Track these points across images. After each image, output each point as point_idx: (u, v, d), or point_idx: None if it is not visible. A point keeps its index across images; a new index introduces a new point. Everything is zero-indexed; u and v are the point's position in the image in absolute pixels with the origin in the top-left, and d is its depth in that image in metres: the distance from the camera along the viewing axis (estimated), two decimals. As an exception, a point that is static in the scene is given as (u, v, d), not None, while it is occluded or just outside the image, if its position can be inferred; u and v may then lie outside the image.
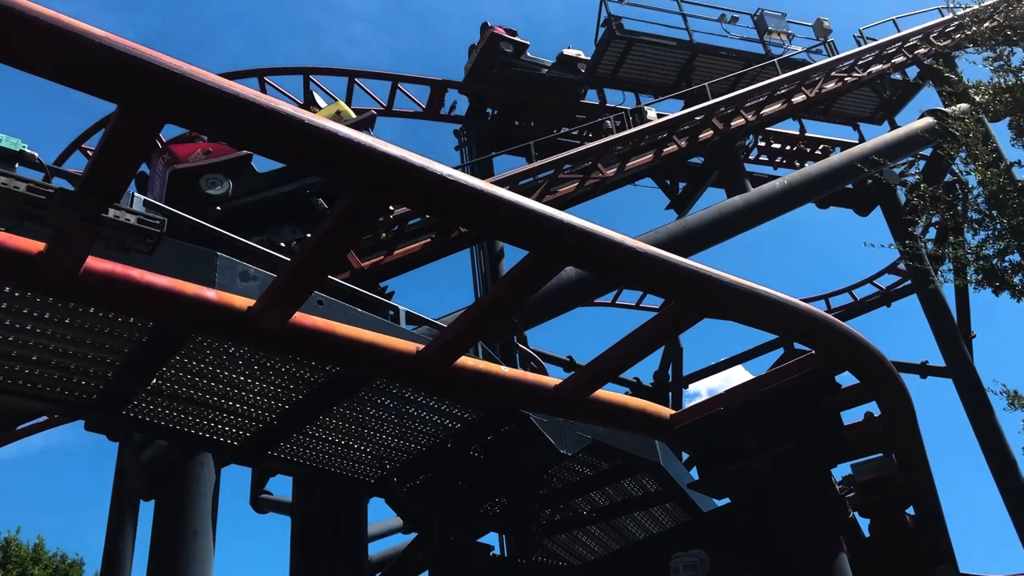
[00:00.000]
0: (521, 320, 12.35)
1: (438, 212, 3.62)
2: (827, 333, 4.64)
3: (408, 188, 3.25)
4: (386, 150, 3.07)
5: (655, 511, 7.67)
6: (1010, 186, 9.66)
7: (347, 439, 5.87)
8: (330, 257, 3.59)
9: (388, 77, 16.46)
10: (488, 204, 3.31)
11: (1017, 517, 14.16)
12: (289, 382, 5.17)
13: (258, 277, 4.78)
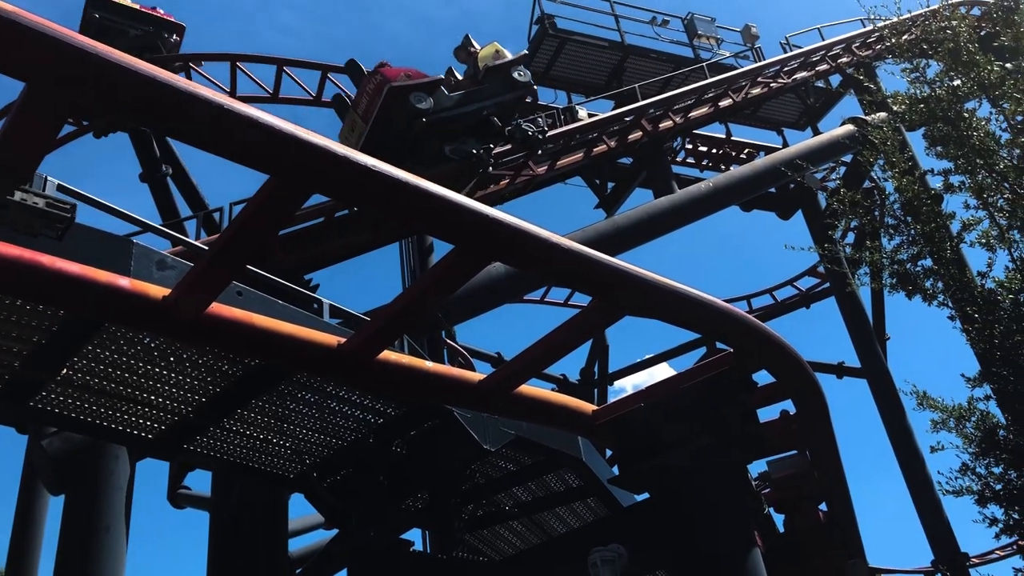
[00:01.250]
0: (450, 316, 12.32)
1: (362, 204, 3.58)
2: (745, 332, 4.73)
3: (332, 178, 3.20)
4: (308, 138, 3.02)
5: (577, 506, 7.73)
6: (924, 193, 10.00)
7: (266, 433, 5.77)
8: (247, 247, 3.51)
9: (318, 67, 16.17)
10: (413, 197, 3.28)
11: (923, 513, 14.68)
12: (207, 374, 5.05)
13: (175, 266, 4.66)
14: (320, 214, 11.48)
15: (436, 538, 8.03)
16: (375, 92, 12.04)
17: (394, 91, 11.77)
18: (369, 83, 12.13)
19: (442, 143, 12.19)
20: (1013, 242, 9.36)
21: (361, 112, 12.18)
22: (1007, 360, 8.92)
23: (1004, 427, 9.02)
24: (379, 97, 11.96)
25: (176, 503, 13.08)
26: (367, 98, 12.12)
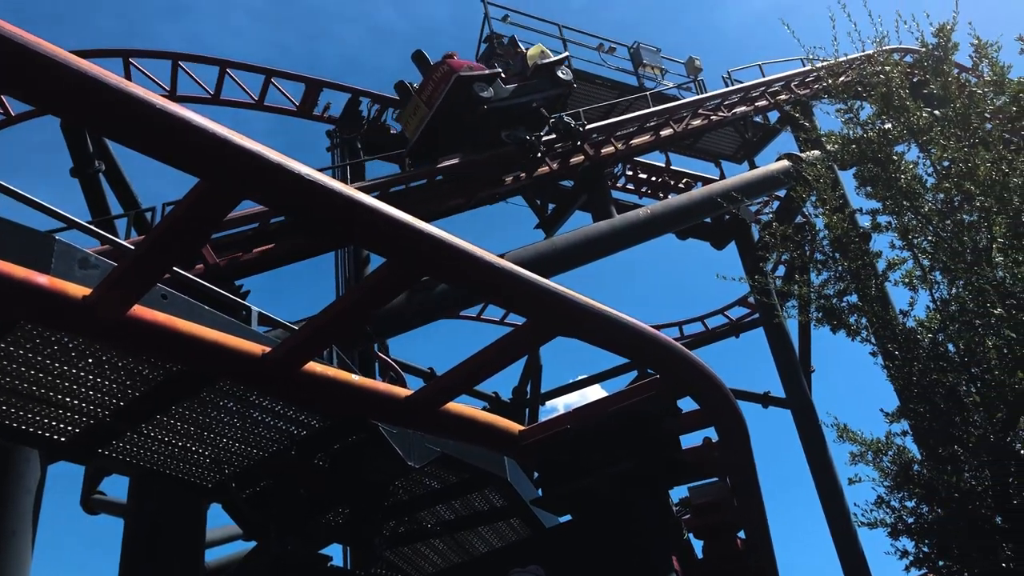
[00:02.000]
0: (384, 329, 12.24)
1: (293, 212, 3.54)
2: (671, 359, 4.79)
3: (263, 185, 3.16)
4: (240, 142, 2.98)
5: (501, 527, 7.70)
6: (852, 231, 10.29)
7: (185, 441, 5.63)
8: (174, 249, 3.45)
9: (262, 71, 16.04)
10: (346, 208, 3.26)
11: (839, 544, 15.00)
12: (126, 378, 4.92)
13: (99, 265, 4.53)
14: (255, 219, 11.33)
15: (356, 554, 7.93)
16: (441, 80, 13.48)
17: (461, 80, 13.28)
18: (436, 72, 13.63)
19: (499, 129, 13.71)
20: (935, 283, 9.67)
21: (425, 97, 13.65)
22: (924, 397, 9.20)
23: (919, 462, 9.28)
24: (445, 85, 13.38)
25: (90, 509, 12.69)
26: (433, 85, 13.57)
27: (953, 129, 9.34)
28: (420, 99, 13.82)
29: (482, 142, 13.90)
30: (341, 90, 16.42)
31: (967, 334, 9.08)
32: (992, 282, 8.74)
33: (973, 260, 8.89)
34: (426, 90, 13.70)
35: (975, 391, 9.02)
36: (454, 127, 13.60)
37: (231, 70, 15.61)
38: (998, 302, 8.67)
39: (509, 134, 13.98)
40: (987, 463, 8.72)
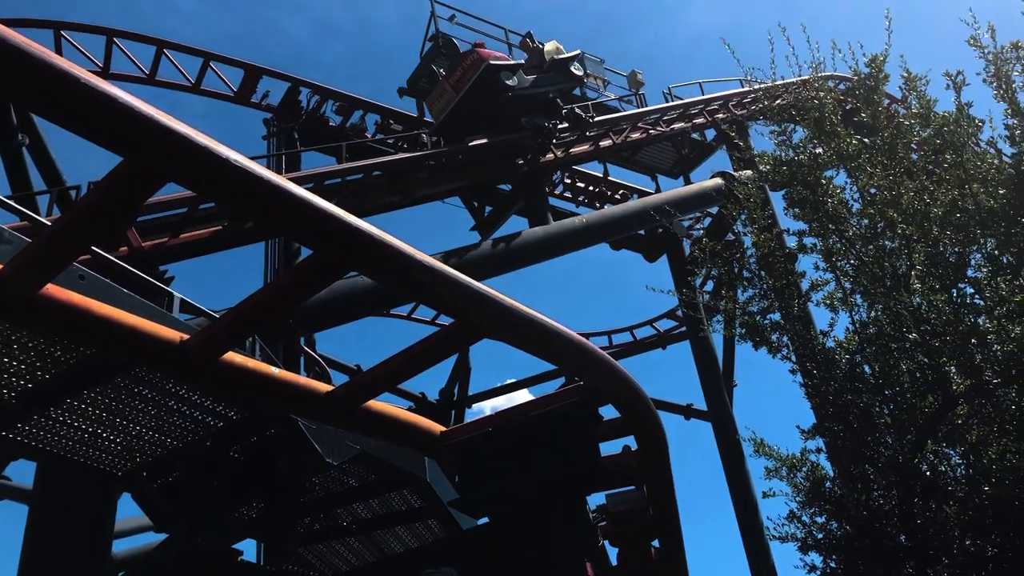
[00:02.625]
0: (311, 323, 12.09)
1: (219, 198, 3.47)
2: (594, 366, 4.82)
3: (188, 168, 3.09)
4: (165, 122, 2.91)
5: (418, 528, 7.66)
6: (779, 251, 10.51)
7: (96, 426, 5.47)
8: (92, 229, 3.34)
9: (201, 54, 15.72)
10: (272, 197, 3.20)
11: (751, 556, 15.31)
12: (36, 359, 4.75)
13: (13, 241, 4.39)
14: (184, 204, 11.09)
15: (269, 550, 7.80)
16: (470, 67, 14.87)
17: (490, 68, 14.69)
18: (465, 59, 15.09)
19: (519, 115, 15.06)
20: (855, 306, 9.92)
21: (453, 83, 15.07)
22: (839, 416, 9.42)
23: (831, 480, 9.50)
24: (475, 72, 14.74)
25: (-8, 494, 12.27)
26: (461, 71, 14.97)
27: (880, 158, 9.60)
28: (448, 83, 15.19)
29: (503, 126, 15.18)
30: (281, 78, 16.20)
31: (883, 357, 9.33)
32: (909, 308, 9.00)
33: (892, 285, 9.15)
34: (454, 75, 15.06)
35: (887, 413, 9.27)
36: (478, 110, 14.85)
37: (168, 51, 15.27)
38: (913, 327, 8.93)
39: (528, 120, 15.33)
40: (895, 483, 8.97)
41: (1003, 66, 8.46)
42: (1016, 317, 8.37)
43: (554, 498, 5.16)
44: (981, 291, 8.88)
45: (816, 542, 9.33)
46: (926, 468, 9.05)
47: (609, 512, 6.13)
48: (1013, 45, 8.50)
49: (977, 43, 8.62)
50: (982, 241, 8.74)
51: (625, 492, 6.03)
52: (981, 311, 8.93)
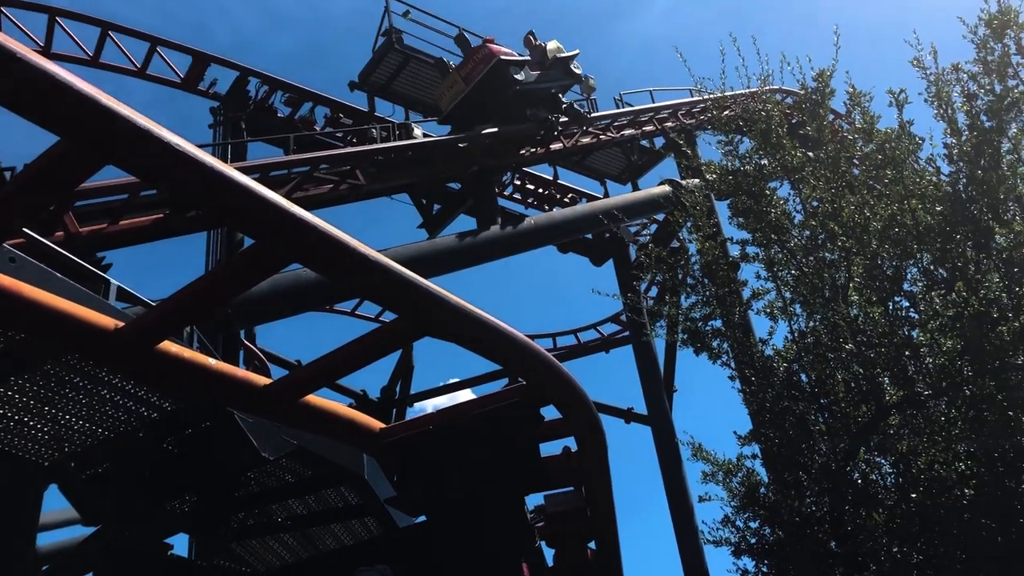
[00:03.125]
0: (251, 316, 11.91)
1: (161, 183, 3.39)
2: (537, 366, 4.82)
3: (128, 151, 3.01)
4: (108, 103, 2.83)
5: (354, 525, 7.57)
6: (722, 259, 10.66)
7: (23, 414, 5.29)
8: (23, 210, 3.24)
9: (147, 38, 15.38)
10: (215, 184, 3.14)
11: (686, 560, 15.48)
12: (-40, 344, 4.59)
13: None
14: (125, 190, 10.85)
15: (200, 544, 7.66)
16: (481, 61, 15.84)
17: (500, 63, 15.73)
18: (477, 53, 16.04)
19: (524, 107, 16.08)
20: (794, 315, 10.11)
21: (464, 75, 16.09)
22: (775, 423, 9.59)
23: (765, 485, 9.66)
24: (485, 66, 15.71)
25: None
26: (472, 64, 15.98)
27: (824, 171, 9.79)
28: (459, 75, 16.18)
29: (509, 117, 16.11)
30: (229, 67, 15.94)
31: (819, 366, 9.52)
32: (846, 319, 9.20)
33: (831, 296, 9.34)
34: (465, 68, 16.09)
35: (822, 421, 9.46)
36: (486, 102, 15.79)
37: (114, 33, 14.92)
38: (850, 338, 9.13)
39: (532, 112, 16.38)
40: (827, 490, 9.15)
41: (943, 87, 8.70)
42: (948, 331, 8.61)
43: (492, 498, 5.14)
44: (916, 305, 9.12)
45: (749, 547, 9.48)
46: (858, 476, 9.26)
47: (547, 513, 6.14)
48: (953, 67, 8.75)
49: (920, 64, 8.85)
50: (918, 256, 8.97)
51: (563, 493, 6.04)
52: (915, 324, 9.18)
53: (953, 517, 8.20)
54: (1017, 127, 8.42)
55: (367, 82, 17.33)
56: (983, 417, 8.30)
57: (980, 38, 8.51)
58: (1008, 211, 8.43)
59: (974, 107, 8.53)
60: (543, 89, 16.78)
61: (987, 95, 8.46)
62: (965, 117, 8.64)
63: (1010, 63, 8.36)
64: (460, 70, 16.19)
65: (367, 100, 17.53)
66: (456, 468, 5.07)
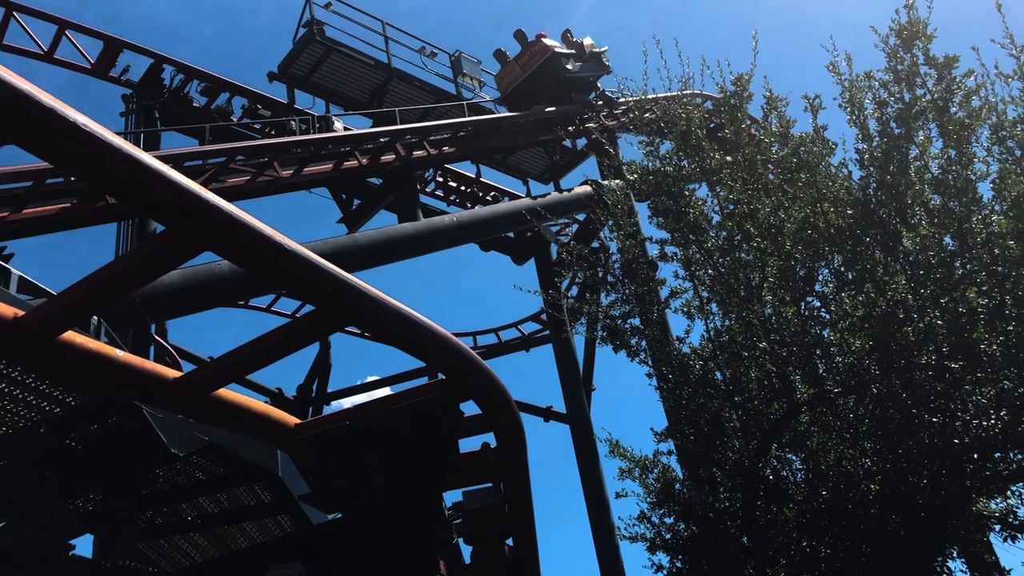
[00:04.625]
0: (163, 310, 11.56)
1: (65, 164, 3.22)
2: (456, 360, 4.78)
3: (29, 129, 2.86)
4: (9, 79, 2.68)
5: (267, 523, 7.40)
6: (641, 258, 10.78)
7: (-87, 409, 5.02)
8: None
9: (55, 20, 14.80)
10: (121, 164, 3.00)
11: (602, 557, 15.64)
12: None
13: None
14: (29, 177, 10.42)
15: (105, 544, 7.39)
16: (538, 53, 18.98)
17: (555, 55, 18.82)
18: (534, 46, 19.19)
19: (571, 92, 18.87)
20: (710, 314, 10.28)
21: (521, 64, 19.25)
22: (690, 420, 9.74)
23: (680, 481, 9.79)
24: (541, 57, 18.85)
25: None
26: (529, 56, 19.12)
27: (741, 173, 9.98)
28: (516, 64, 19.25)
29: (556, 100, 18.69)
30: (143, 54, 15.46)
31: (734, 364, 9.71)
32: (760, 318, 9.39)
33: (746, 296, 9.52)
34: (523, 58, 19.17)
35: (736, 418, 9.65)
36: (536, 87, 18.64)
37: (18, 14, 14.30)
38: (764, 337, 9.32)
39: (577, 96, 19.13)
40: (740, 486, 9.33)
41: (856, 93, 8.95)
42: (857, 331, 8.87)
43: (409, 493, 5.07)
44: (827, 305, 9.37)
45: (664, 542, 9.60)
46: (769, 472, 9.46)
47: (465, 509, 6.10)
48: (866, 75, 9.01)
49: (835, 70, 9.08)
50: (830, 257, 9.22)
51: (482, 489, 6.01)
52: (826, 324, 9.43)
53: (860, 512, 8.45)
54: (924, 135, 8.71)
55: (287, 73, 17.02)
56: (889, 415, 8.58)
57: (891, 48, 8.78)
58: (915, 215, 8.71)
59: (884, 114, 8.79)
60: (583, 77, 19.58)
61: (897, 103, 8.73)
62: (876, 124, 8.90)
63: (918, 73, 8.64)
64: (518, 60, 19.31)
65: (287, 92, 17.21)
66: (373, 464, 4.99)
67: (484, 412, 5.37)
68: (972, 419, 8.08)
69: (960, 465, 8.10)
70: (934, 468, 8.18)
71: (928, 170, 8.74)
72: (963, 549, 8.99)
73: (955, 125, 8.41)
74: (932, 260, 8.41)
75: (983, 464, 8.14)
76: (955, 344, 8.12)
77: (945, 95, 8.51)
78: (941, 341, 8.22)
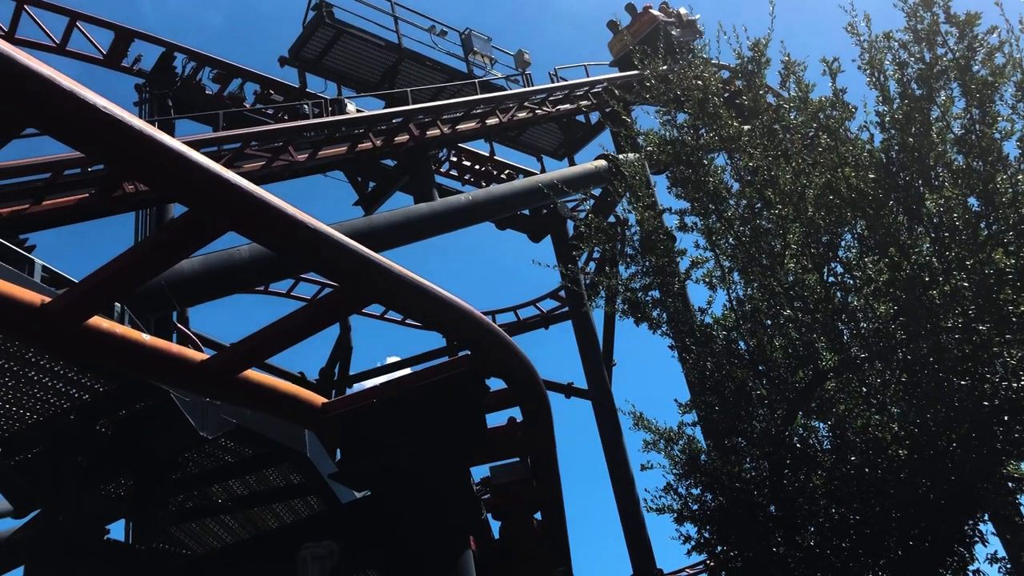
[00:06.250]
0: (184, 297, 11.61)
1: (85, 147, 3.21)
2: (482, 336, 4.76)
3: (55, 114, 2.85)
4: (26, 62, 2.66)
5: (296, 504, 7.44)
6: (660, 230, 10.71)
7: (-55, 399, 5.06)
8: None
9: (67, 12, 14.77)
10: (142, 146, 2.98)
11: (628, 529, 15.66)
12: None
13: None
14: (47, 169, 10.44)
15: (138, 528, 7.46)
16: (648, 22, 21.79)
17: (661, 23, 21.28)
18: (643, 16, 22.02)
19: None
20: (733, 283, 10.22)
21: (632, 32, 21.98)
22: (715, 391, 9.71)
23: (706, 452, 9.78)
24: (650, 26, 21.47)
25: None
26: (639, 25, 21.99)
27: (760, 140, 9.87)
28: (627, 32, 21.96)
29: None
30: (155, 43, 15.42)
31: (758, 333, 9.65)
32: (783, 285, 9.32)
33: (768, 264, 9.45)
34: (633, 27, 22.00)
35: (761, 387, 9.60)
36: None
37: (30, 7, 14.29)
38: (787, 304, 9.26)
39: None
40: (766, 455, 9.31)
41: (876, 54, 8.81)
42: (882, 296, 8.79)
43: (437, 469, 5.07)
44: (850, 270, 9.28)
45: (691, 513, 9.61)
46: (796, 440, 9.43)
47: (493, 484, 6.10)
48: (885, 35, 8.87)
49: (854, 31, 8.95)
50: (852, 222, 9.12)
51: (509, 464, 6.01)
52: (850, 290, 9.34)
53: (889, 477, 8.41)
54: (946, 95, 8.59)
55: (298, 58, 16.95)
56: (916, 379, 8.52)
57: (910, 7, 8.64)
58: (938, 177, 8.60)
59: (905, 75, 8.67)
60: (686, 42, 20.45)
61: (917, 63, 8.60)
62: (896, 85, 8.78)
63: (939, 31, 8.51)
64: (628, 28, 22.07)
65: (298, 76, 17.13)
66: (400, 440, 4.99)
67: (510, 387, 5.36)
68: (1001, 381, 8.01)
69: (990, 427, 8.04)
70: (963, 431, 8.13)
71: (951, 130, 8.62)
72: (993, 512, 8.94)
73: (978, 83, 8.28)
74: (957, 222, 8.31)
75: (1013, 426, 8.07)
76: (982, 306, 8.03)
77: (967, 53, 8.38)
78: (968, 303, 8.13)
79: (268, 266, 11.86)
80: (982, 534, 8.69)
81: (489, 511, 6.15)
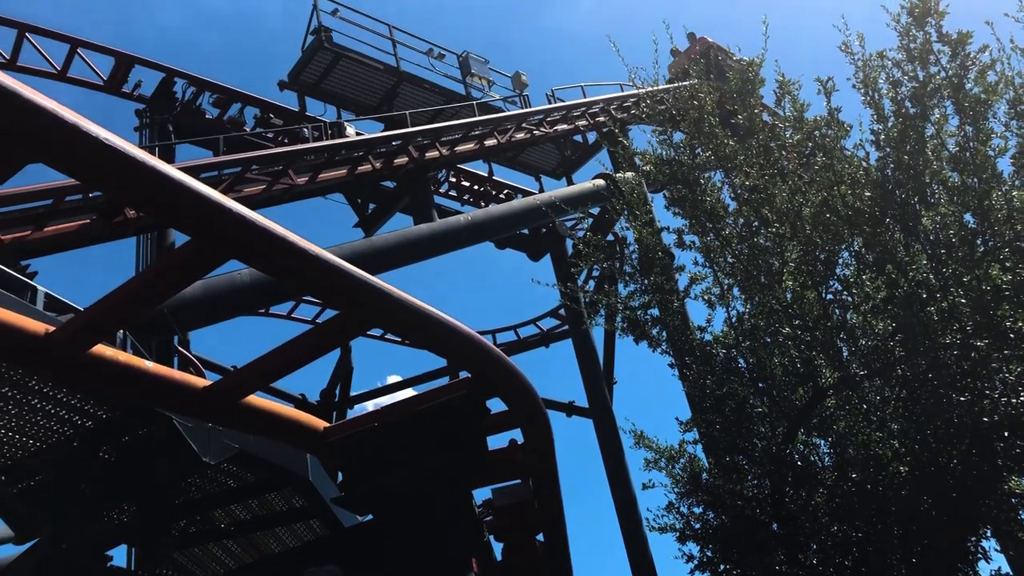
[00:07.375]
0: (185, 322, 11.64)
1: (89, 178, 3.26)
2: (482, 358, 4.80)
3: (56, 146, 2.89)
4: (29, 95, 2.72)
5: (298, 528, 7.45)
6: (659, 247, 10.75)
7: (-52, 427, 5.09)
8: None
9: (67, 39, 14.90)
10: (145, 177, 3.04)
11: (631, 549, 15.61)
12: None
13: None
14: (48, 195, 10.51)
15: (141, 554, 7.45)
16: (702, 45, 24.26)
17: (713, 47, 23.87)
18: (698, 44, 24.51)
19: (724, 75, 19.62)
20: (732, 299, 10.25)
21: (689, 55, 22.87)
22: (715, 409, 9.72)
23: (707, 470, 9.78)
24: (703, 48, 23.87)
25: None
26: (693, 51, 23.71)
27: (756, 159, 9.94)
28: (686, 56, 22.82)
29: None
30: (155, 68, 15.54)
31: (758, 351, 9.68)
32: (782, 303, 9.36)
33: (766, 282, 9.48)
34: (691, 50, 23.90)
35: (761, 405, 9.62)
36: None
37: (31, 35, 14.41)
38: (786, 322, 9.29)
39: None
40: (768, 473, 9.31)
41: (870, 73, 8.90)
42: (880, 313, 8.82)
43: (439, 491, 5.09)
44: (849, 288, 9.32)
45: (694, 532, 9.59)
46: (797, 458, 9.42)
47: (495, 506, 6.10)
48: (879, 54, 8.95)
49: (848, 49, 9.04)
50: (850, 240, 9.17)
51: (511, 486, 6.01)
52: (848, 307, 9.37)
53: (890, 494, 8.41)
54: (940, 112, 8.66)
55: (297, 82, 17.08)
56: (916, 396, 8.53)
57: (903, 26, 8.73)
58: (933, 195, 8.66)
59: (899, 93, 8.75)
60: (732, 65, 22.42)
61: (911, 82, 8.68)
62: (891, 103, 8.85)
63: (931, 50, 8.59)
64: (687, 52, 23.76)
65: (297, 100, 17.26)
66: (402, 463, 5.02)
67: (511, 409, 5.38)
68: (1001, 397, 8.02)
69: (990, 443, 8.05)
70: (963, 447, 8.14)
71: (945, 148, 8.68)
72: (996, 528, 8.93)
73: (971, 101, 8.35)
74: (953, 239, 8.36)
75: (1013, 442, 8.08)
76: (980, 322, 8.07)
77: (960, 71, 8.45)
78: (965, 320, 8.17)
79: (270, 289, 11.91)
80: (985, 551, 8.67)
81: (491, 533, 6.16)
